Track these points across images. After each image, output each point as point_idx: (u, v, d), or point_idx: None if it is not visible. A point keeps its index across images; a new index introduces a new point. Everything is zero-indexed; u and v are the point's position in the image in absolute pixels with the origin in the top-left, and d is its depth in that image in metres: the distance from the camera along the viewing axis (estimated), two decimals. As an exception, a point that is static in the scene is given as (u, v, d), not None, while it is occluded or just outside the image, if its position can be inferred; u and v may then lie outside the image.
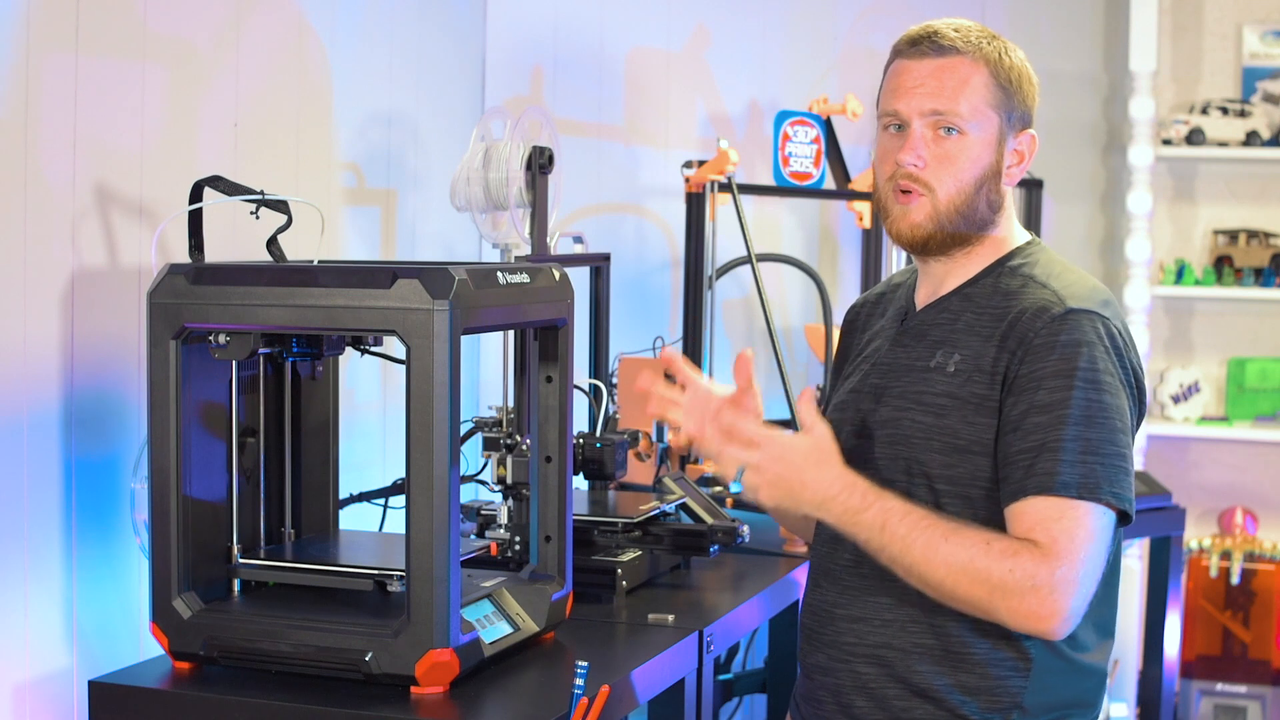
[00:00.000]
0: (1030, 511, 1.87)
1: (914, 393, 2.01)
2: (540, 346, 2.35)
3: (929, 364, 2.01)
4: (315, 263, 2.25)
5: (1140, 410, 1.98)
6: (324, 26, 3.09)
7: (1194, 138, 4.27)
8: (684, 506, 2.85)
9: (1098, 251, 4.55)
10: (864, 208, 3.85)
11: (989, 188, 2.01)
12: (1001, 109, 2.00)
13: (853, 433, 2.07)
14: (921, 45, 2.01)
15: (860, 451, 2.04)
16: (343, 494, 2.59)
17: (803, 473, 1.92)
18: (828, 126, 3.65)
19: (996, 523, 1.93)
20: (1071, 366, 1.89)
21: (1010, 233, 2.08)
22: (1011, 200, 2.08)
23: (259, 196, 2.28)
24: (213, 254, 2.30)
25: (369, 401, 3.26)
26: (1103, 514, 1.87)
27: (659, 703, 2.44)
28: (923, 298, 2.10)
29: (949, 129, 1.98)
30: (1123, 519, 1.91)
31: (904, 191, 2.01)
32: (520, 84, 3.94)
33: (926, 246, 2.03)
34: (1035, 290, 1.98)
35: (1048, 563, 1.83)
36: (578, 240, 3.32)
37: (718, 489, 3.24)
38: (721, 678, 3.39)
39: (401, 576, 2.12)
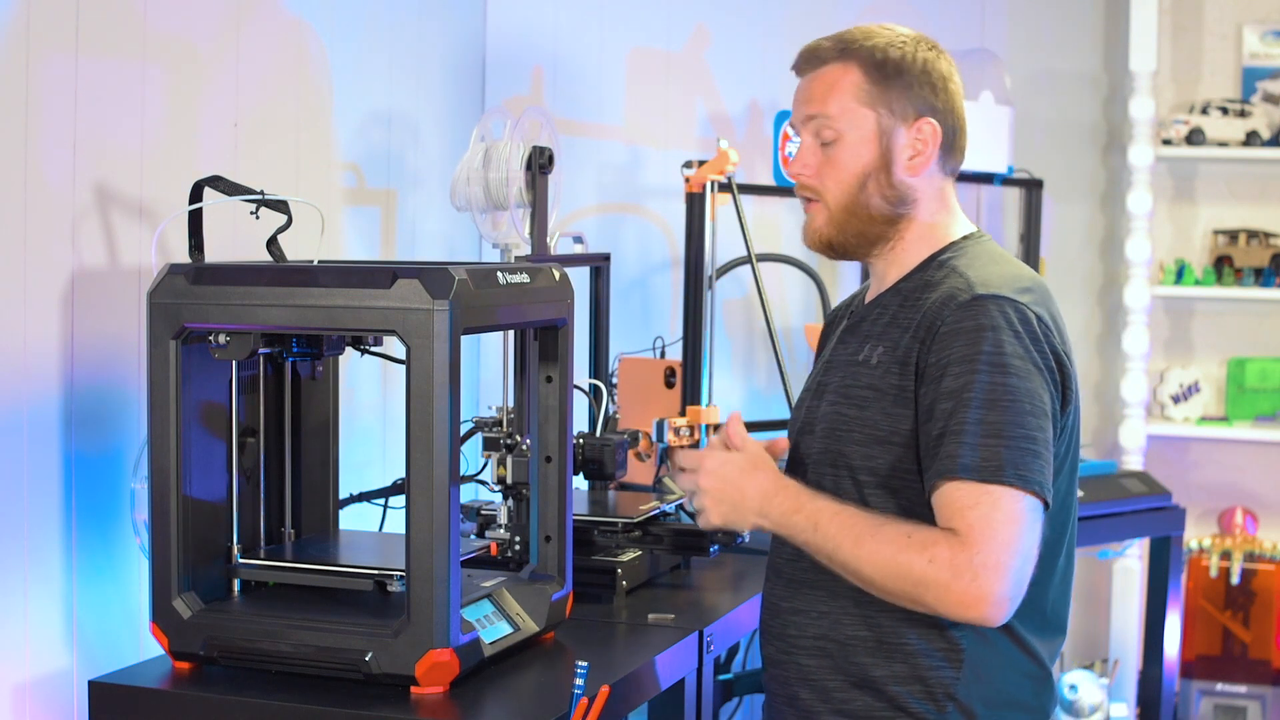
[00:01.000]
0: (946, 500, 1.87)
1: (844, 387, 2.04)
2: (540, 346, 2.35)
3: (858, 358, 2.05)
4: (315, 263, 2.25)
5: (1064, 395, 1.96)
6: (324, 26, 3.09)
7: (1194, 138, 4.27)
8: (684, 506, 2.84)
9: (1098, 251, 4.55)
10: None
11: (877, 181, 2.03)
12: (878, 103, 2.02)
13: (800, 430, 2.11)
14: (801, 63, 2.09)
15: (800, 449, 2.09)
16: (343, 494, 2.59)
17: (740, 485, 1.99)
18: (828, 126, 3.64)
19: (919, 513, 1.94)
20: (975, 351, 1.90)
21: (948, 226, 2.09)
22: (951, 197, 2.10)
23: (259, 196, 2.28)
24: (213, 254, 2.30)
25: (369, 401, 3.26)
26: (1018, 498, 1.84)
27: (659, 703, 2.44)
28: (869, 296, 2.14)
29: (825, 134, 2.04)
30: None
31: (806, 200, 2.09)
32: (520, 84, 3.94)
33: (834, 249, 2.08)
34: (952, 280, 1.99)
35: (965, 550, 1.83)
36: (578, 240, 3.32)
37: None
38: (721, 678, 3.39)
39: (401, 576, 2.12)
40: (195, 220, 2.28)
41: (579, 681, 2.02)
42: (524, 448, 2.55)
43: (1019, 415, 1.87)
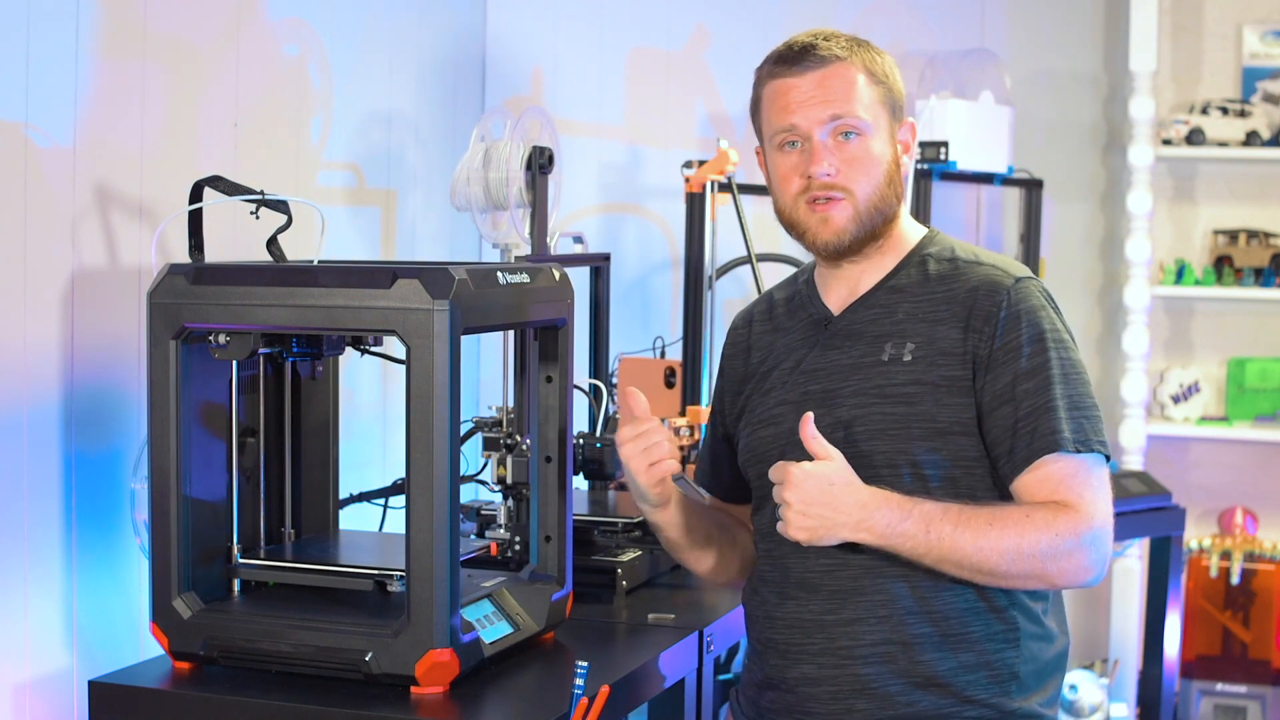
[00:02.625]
0: (1049, 474, 1.96)
1: (873, 388, 2.03)
2: (540, 346, 2.35)
3: (881, 358, 2.04)
4: (315, 263, 2.25)
5: None
6: (324, 26, 3.09)
7: (1194, 138, 4.27)
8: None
9: (1098, 251, 4.55)
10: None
11: (894, 180, 2.07)
12: (887, 103, 2.07)
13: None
14: (802, 60, 2.05)
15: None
16: (343, 494, 2.59)
17: (834, 499, 1.94)
18: (828, 126, 3.64)
19: (979, 498, 1.99)
20: (1039, 331, 2.00)
21: (908, 223, 2.14)
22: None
23: (259, 196, 2.28)
24: (213, 254, 2.30)
25: (369, 401, 3.26)
26: (1100, 461, 1.99)
27: (659, 703, 2.44)
28: (839, 301, 2.12)
29: (848, 133, 2.04)
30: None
31: (819, 201, 2.04)
32: (520, 84, 3.94)
33: (850, 248, 2.07)
34: (974, 269, 2.06)
35: (1083, 520, 1.94)
36: (578, 240, 3.32)
37: None
38: (721, 678, 3.39)
39: (401, 576, 2.12)
40: (195, 220, 2.28)
41: (579, 681, 2.02)
42: (524, 448, 2.55)
43: (1085, 385, 2.02)
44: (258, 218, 2.32)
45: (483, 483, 2.68)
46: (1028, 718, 2.02)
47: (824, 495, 1.93)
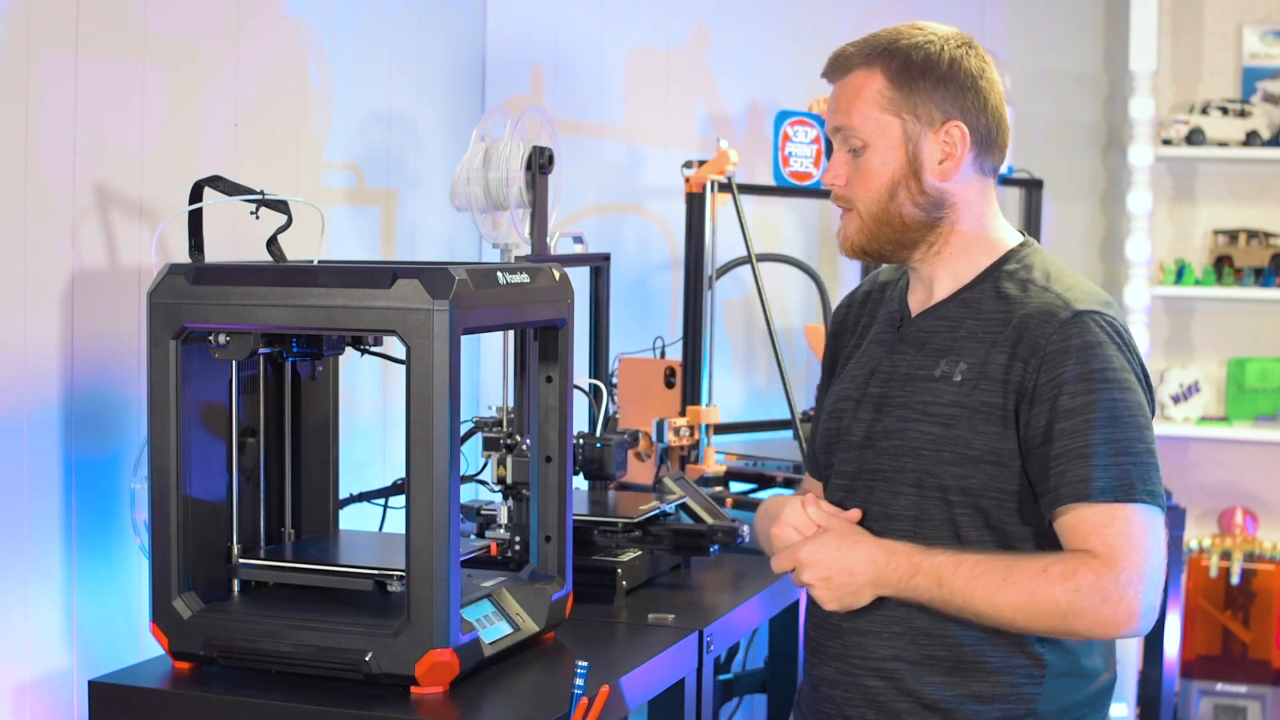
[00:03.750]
0: (1079, 522, 1.88)
1: (919, 403, 1.99)
2: (540, 346, 2.35)
3: (934, 373, 2.00)
4: (315, 263, 2.25)
5: (1152, 404, 1.98)
6: (324, 26, 3.09)
7: (1194, 138, 4.27)
8: (684, 506, 2.84)
9: (1098, 251, 4.55)
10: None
11: (908, 189, 2.00)
12: (903, 110, 1.99)
13: (854, 444, 2.06)
14: (831, 70, 2.06)
15: (865, 463, 2.04)
16: (343, 494, 2.59)
17: (846, 566, 1.95)
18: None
19: (1008, 530, 1.94)
20: (1089, 370, 1.90)
21: (1000, 234, 2.07)
22: (993, 198, 2.08)
23: (259, 196, 2.28)
24: (213, 254, 2.30)
25: (369, 401, 3.26)
26: (1148, 510, 1.88)
27: (659, 703, 2.44)
28: (917, 303, 2.09)
29: (853, 144, 2.02)
30: None
31: (842, 208, 2.06)
32: (520, 84, 3.94)
33: (868, 255, 2.06)
34: (1038, 294, 1.97)
35: (1110, 571, 1.84)
36: (578, 240, 3.32)
37: (717, 489, 3.24)
38: (721, 678, 3.39)
39: (401, 576, 2.12)
40: (195, 220, 2.28)
41: (579, 681, 2.02)
42: (524, 448, 2.55)
43: (1139, 430, 1.90)
44: (258, 218, 2.32)
45: (483, 483, 2.68)
46: None
47: (837, 563, 1.95)
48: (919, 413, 1.99)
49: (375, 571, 2.20)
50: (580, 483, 2.94)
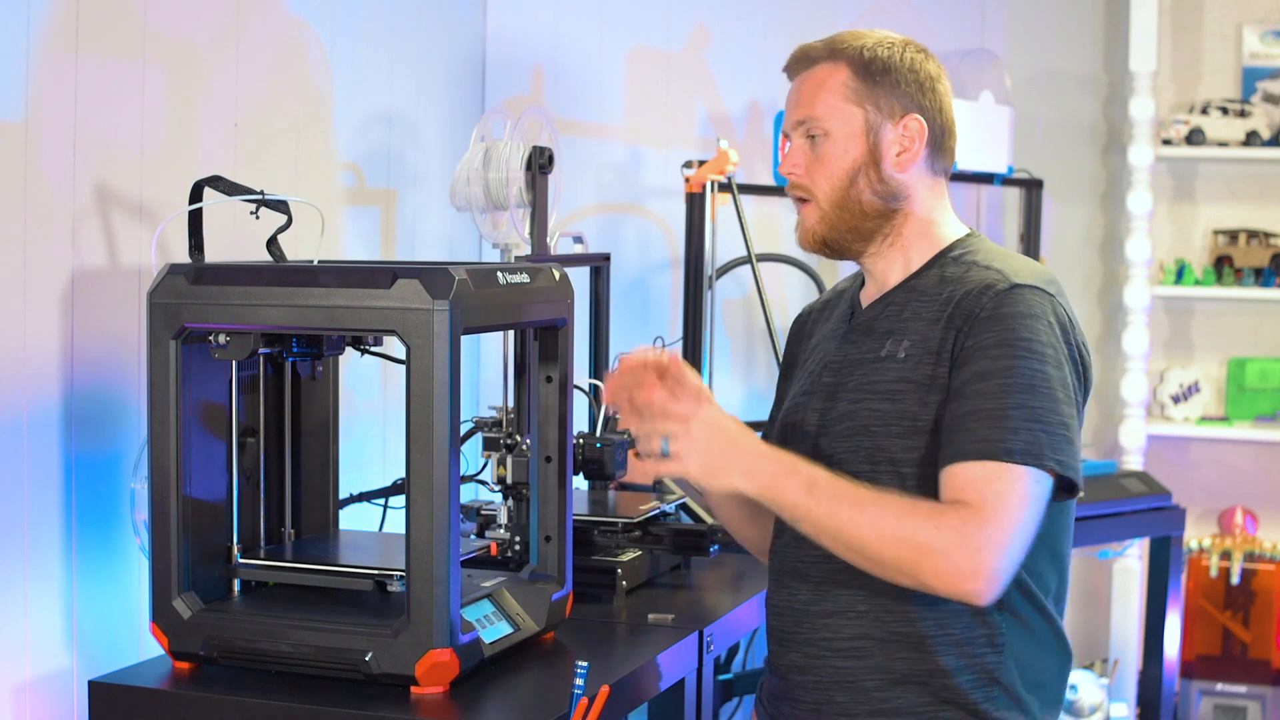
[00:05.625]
0: (965, 473, 1.88)
1: (868, 383, 2.03)
2: (540, 346, 2.35)
3: (880, 354, 2.04)
4: (315, 263, 2.25)
5: (1085, 390, 2.00)
6: (324, 26, 3.09)
7: (1194, 138, 4.27)
8: (684, 506, 2.84)
9: (1098, 251, 4.55)
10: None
11: (867, 177, 2.05)
12: (865, 100, 2.04)
13: (810, 433, 2.08)
14: (793, 65, 2.11)
15: (820, 449, 2.06)
16: (343, 494, 2.59)
17: (733, 437, 1.93)
18: (828, 126, 3.64)
19: None
20: (1015, 337, 1.92)
21: (947, 225, 2.12)
22: (944, 196, 2.12)
23: (259, 196, 2.28)
24: (213, 254, 2.31)
25: (369, 401, 3.26)
26: (1039, 479, 1.87)
27: (659, 703, 2.44)
28: (868, 296, 2.13)
29: (813, 134, 2.06)
30: (1070, 490, 1.93)
31: (798, 200, 2.09)
32: (520, 84, 3.94)
33: (828, 246, 2.08)
34: (979, 273, 2.01)
35: (975, 522, 1.84)
36: (578, 240, 3.32)
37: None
38: (721, 678, 3.39)
39: (401, 576, 2.12)
40: (195, 220, 2.28)
41: (579, 681, 2.02)
42: (524, 448, 2.55)
43: (1054, 401, 1.90)
44: (258, 218, 2.32)
45: (483, 483, 2.68)
46: None
47: (722, 431, 1.92)
48: (868, 392, 2.02)
49: (375, 571, 2.20)
50: (580, 483, 2.94)
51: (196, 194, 2.28)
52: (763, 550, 2.26)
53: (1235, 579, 4.22)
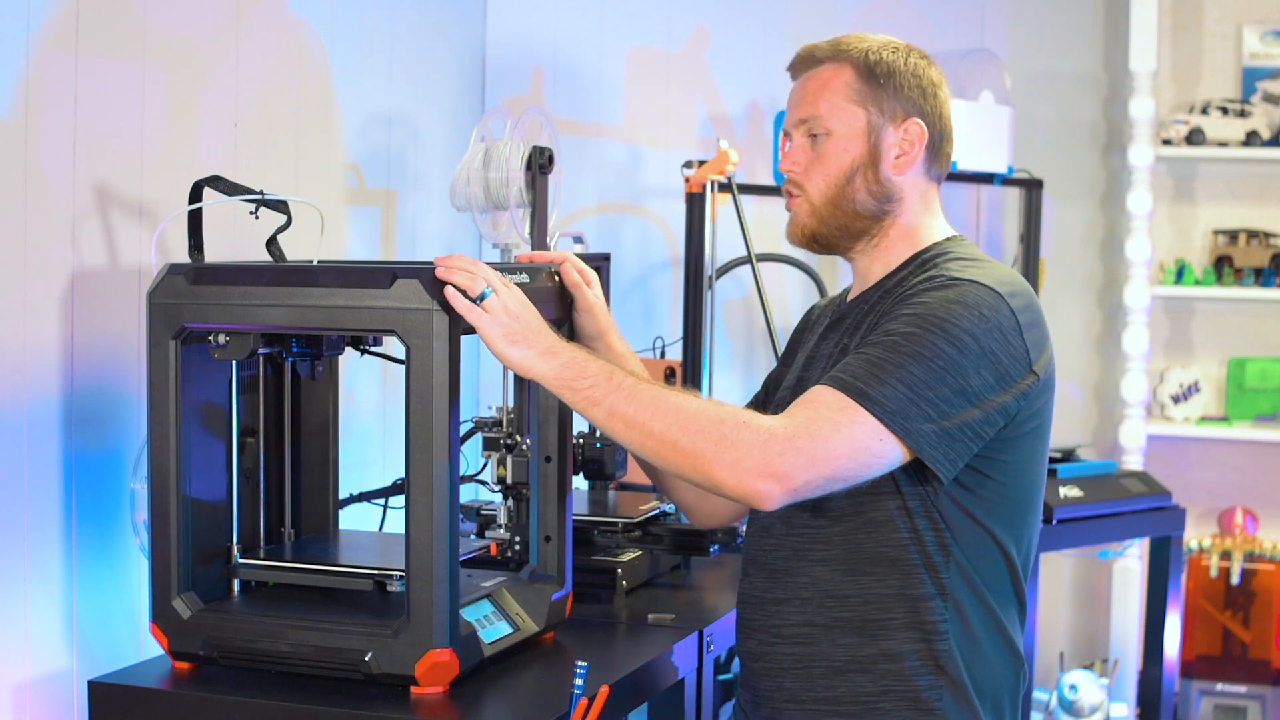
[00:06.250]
0: (816, 394, 1.90)
1: (829, 372, 2.04)
2: (540, 346, 2.35)
3: (846, 345, 2.07)
4: (315, 263, 2.25)
5: (1028, 401, 1.96)
6: (324, 27, 3.09)
7: (1194, 138, 4.27)
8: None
9: (1098, 251, 4.55)
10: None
11: (864, 177, 2.07)
12: (869, 102, 2.07)
13: None
14: (797, 64, 2.14)
15: None
16: (343, 494, 2.59)
17: (541, 322, 1.99)
18: (828, 126, 3.64)
19: (916, 487, 1.96)
20: (930, 313, 1.92)
21: (931, 228, 2.13)
22: (935, 200, 2.14)
23: (259, 196, 2.28)
24: (213, 254, 2.31)
25: (369, 401, 3.26)
26: (880, 437, 1.86)
27: (659, 703, 2.44)
28: (853, 294, 2.17)
29: (815, 133, 2.08)
30: (936, 477, 1.91)
31: (789, 196, 2.12)
32: (520, 84, 3.94)
33: (817, 241, 2.11)
34: (941, 268, 2.03)
35: (793, 429, 1.84)
36: (578, 240, 3.32)
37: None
38: (721, 678, 3.39)
39: (401, 576, 2.12)
40: (195, 220, 2.28)
41: (579, 681, 2.02)
42: (524, 448, 2.55)
43: (940, 378, 1.88)
44: (258, 218, 2.32)
45: (483, 483, 2.68)
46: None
47: (536, 316, 1.99)
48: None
49: (375, 571, 2.20)
50: (580, 483, 2.94)
51: (196, 194, 2.28)
52: (690, 508, 2.31)
53: (1235, 579, 4.22)
